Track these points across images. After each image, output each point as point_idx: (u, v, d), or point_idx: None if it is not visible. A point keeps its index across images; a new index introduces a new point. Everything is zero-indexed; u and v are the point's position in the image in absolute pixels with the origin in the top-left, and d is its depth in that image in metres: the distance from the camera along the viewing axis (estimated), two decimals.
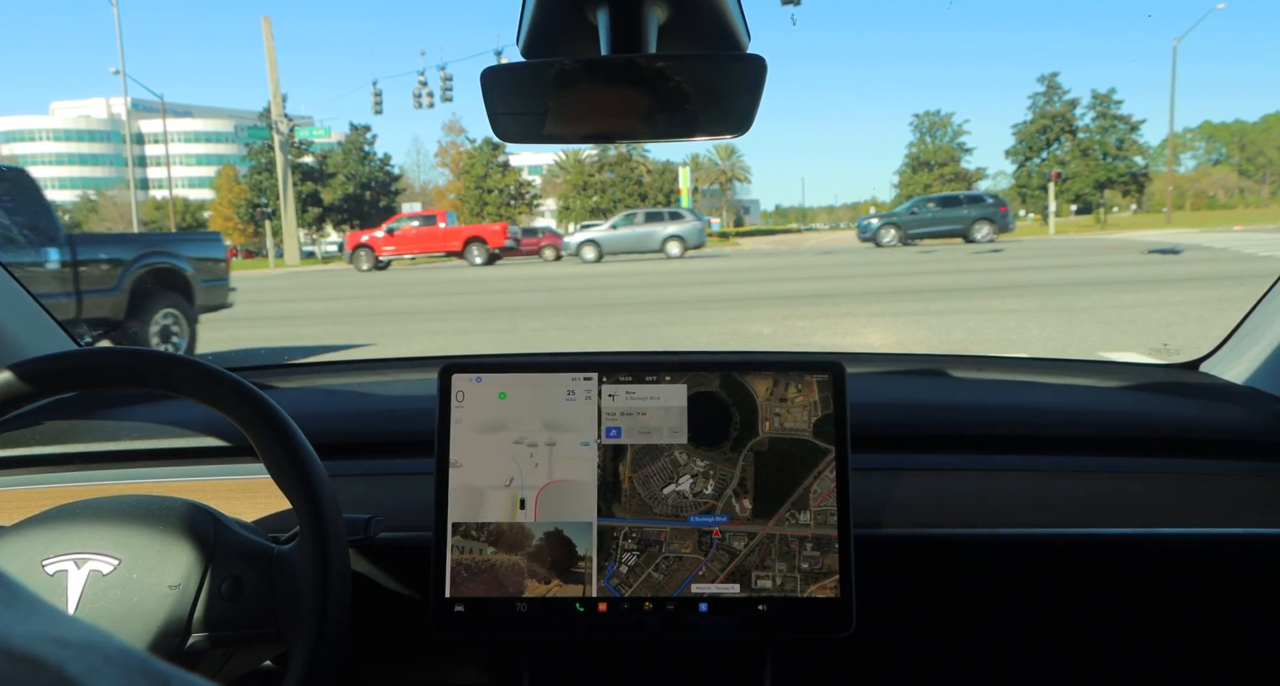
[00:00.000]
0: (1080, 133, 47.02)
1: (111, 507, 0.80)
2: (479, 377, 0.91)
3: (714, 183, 68.13)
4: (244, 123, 54.68)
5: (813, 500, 0.87)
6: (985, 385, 1.25)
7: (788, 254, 23.40)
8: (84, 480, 1.06)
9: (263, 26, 36.82)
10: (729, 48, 0.79)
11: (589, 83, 0.73)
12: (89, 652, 0.23)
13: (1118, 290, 9.61)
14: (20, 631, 0.22)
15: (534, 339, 8.03)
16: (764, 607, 0.86)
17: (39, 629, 0.23)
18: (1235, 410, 1.13)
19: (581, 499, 0.88)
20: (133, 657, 0.24)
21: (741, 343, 7.28)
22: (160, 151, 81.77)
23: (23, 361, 0.74)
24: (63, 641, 0.23)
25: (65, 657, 0.22)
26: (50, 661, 0.21)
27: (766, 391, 0.89)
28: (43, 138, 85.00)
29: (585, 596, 0.87)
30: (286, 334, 9.15)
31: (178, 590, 0.75)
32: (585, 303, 11.32)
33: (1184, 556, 0.96)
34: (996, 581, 0.98)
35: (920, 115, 54.52)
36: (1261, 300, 1.21)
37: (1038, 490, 0.99)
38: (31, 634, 0.23)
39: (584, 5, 0.72)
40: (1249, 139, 71.24)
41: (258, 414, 0.75)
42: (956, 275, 13.11)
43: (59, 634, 0.23)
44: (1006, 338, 6.86)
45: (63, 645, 0.23)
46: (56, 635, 0.23)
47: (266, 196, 44.78)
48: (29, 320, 1.29)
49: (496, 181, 49.36)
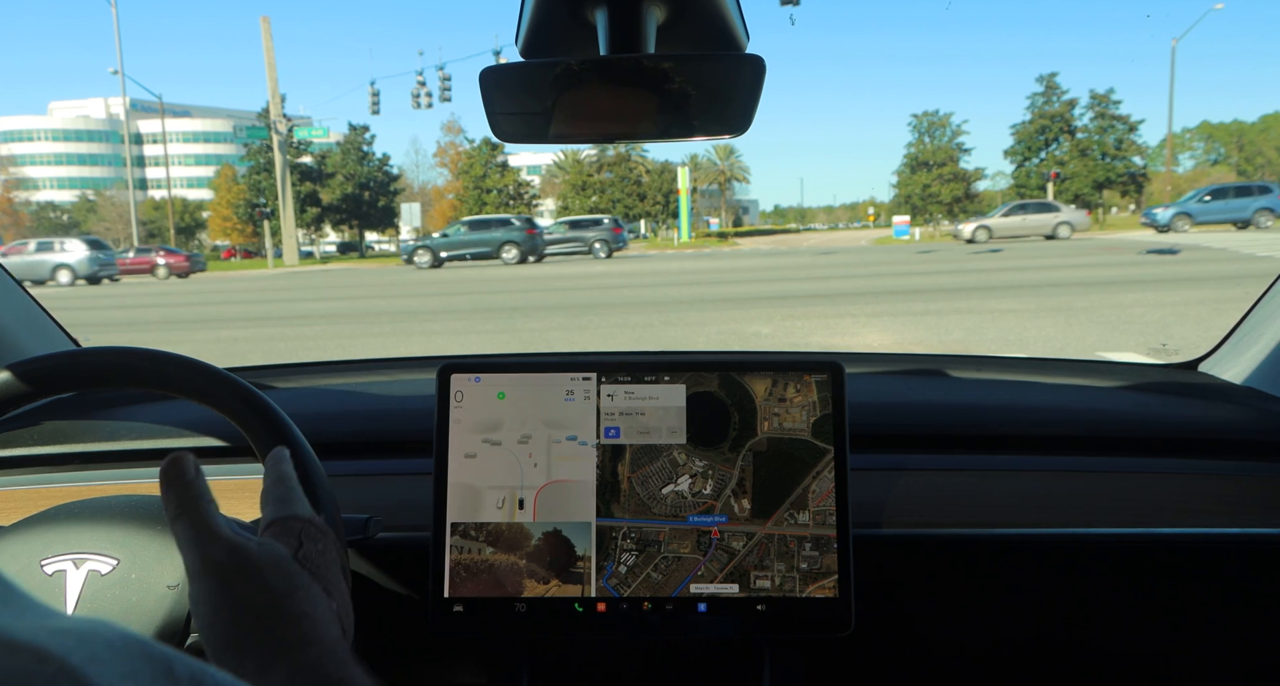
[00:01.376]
0: (1079, 133, 47.05)
1: (110, 507, 0.80)
2: (478, 377, 0.91)
3: (713, 183, 68.14)
4: (243, 123, 54.71)
5: (811, 500, 0.87)
6: (984, 385, 1.25)
7: (786, 254, 23.39)
8: (82, 480, 1.06)
9: (261, 27, 36.80)
10: (728, 48, 0.79)
11: (588, 83, 0.73)
12: (91, 640, 0.23)
13: (1116, 290, 9.62)
14: (20, 625, 0.22)
15: (533, 339, 8.03)
16: (763, 607, 0.86)
17: (39, 622, 0.23)
18: (1234, 410, 1.13)
19: (580, 499, 0.88)
20: (134, 643, 0.25)
21: (740, 343, 7.28)
22: (159, 151, 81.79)
23: (22, 361, 0.74)
24: (64, 631, 0.23)
25: (68, 647, 0.22)
26: (53, 651, 0.21)
27: (765, 391, 0.89)
28: (41, 138, 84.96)
29: (584, 596, 0.87)
30: (286, 333, 9.14)
31: (176, 590, 0.75)
32: (584, 303, 11.32)
33: (1183, 556, 0.96)
34: (995, 581, 0.98)
35: (919, 115, 54.51)
36: (1260, 300, 1.21)
37: (1036, 490, 0.99)
38: (33, 627, 0.23)
39: (583, 6, 0.72)
40: (1247, 139, 71.28)
41: (256, 414, 0.75)
42: (955, 275, 13.12)
43: (59, 625, 0.23)
44: (1005, 337, 6.87)
45: (64, 635, 0.23)
46: (57, 626, 0.23)
47: (265, 196, 44.77)
48: (28, 320, 1.29)
49: (495, 181, 49.35)
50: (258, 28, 50.18)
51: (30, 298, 1.30)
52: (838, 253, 22.91)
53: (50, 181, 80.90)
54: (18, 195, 64.41)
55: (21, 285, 1.29)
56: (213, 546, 0.56)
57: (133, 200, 44.49)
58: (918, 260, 17.23)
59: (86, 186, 74.96)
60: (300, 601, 0.56)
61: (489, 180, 49.15)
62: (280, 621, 0.54)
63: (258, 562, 0.57)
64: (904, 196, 53.63)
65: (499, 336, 8.33)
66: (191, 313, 12.83)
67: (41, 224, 62.05)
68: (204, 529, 0.57)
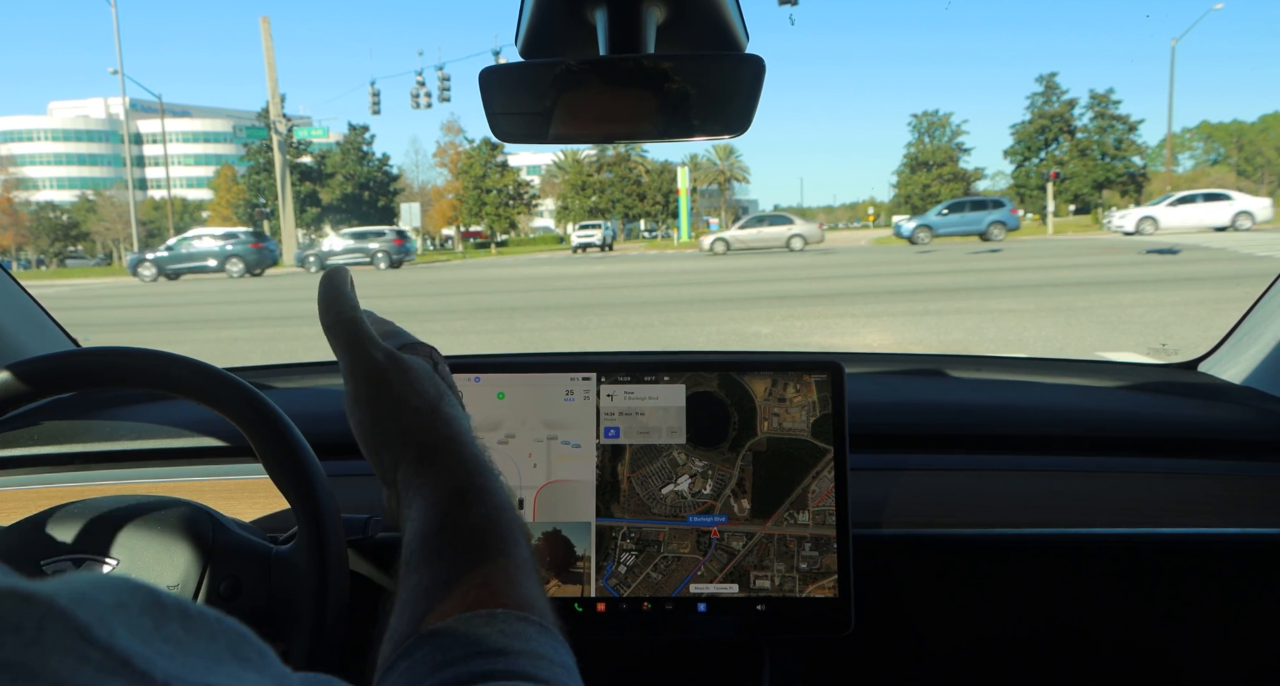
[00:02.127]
0: (1078, 133, 47.06)
1: (110, 508, 0.79)
2: (477, 377, 0.91)
3: (712, 183, 68.13)
4: (242, 123, 54.72)
5: (811, 500, 0.87)
6: (983, 385, 1.25)
7: (786, 254, 23.40)
8: (82, 480, 1.06)
9: (261, 27, 36.78)
10: (727, 48, 0.79)
11: (588, 83, 0.73)
12: (74, 581, 0.23)
13: (1116, 290, 9.62)
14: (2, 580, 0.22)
15: (532, 339, 8.02)
16: (762, 607, 0.86)
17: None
18: (1233, 410, 1.13)
19: (580, 499, 0.88)
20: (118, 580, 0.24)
21: (740, 342, 7.28)
22: (158, 151, 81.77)
23: (21, 361, 0.74)
24: (46, 580, 0.23)
25: (52, 588, 0.22)
26: (38, 592, 0.21)
27: (765, 391, 0.89)
28: (41, 138, 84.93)
29: (584, 596, 0.87)
30: (286, 333, 9.14)
31: (176, 590, 0.75)
32: (584, 302, 11.32)
33: (1182, 556, 0.96)
34: (995, 581, 0.98)
35: (919, 115, 54.57)
36: (1259, 300, 1.21)
37: (1036, 490, 0.99)
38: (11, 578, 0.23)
39: (582, 6, 0.72)
40: (1247, 139, 71.27)
41: (256, 413, 0.75)
42: (955, 275, 13.11)
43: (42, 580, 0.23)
44: (1005, 337, 6.87)
45: (46, 580, 0.22)
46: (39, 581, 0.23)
47: (265, 196, 44.80)
48: (28, 320, 1.29)
49: (495, 181, 49.35)
50: (258, 28, 50.16)
51: (30, 298, 1.30)
52: (838, 252, 22.92)
53: (50, 181, 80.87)
54: (17, 195, 64.39)
55: (21, 285, 1.29)
56: (373, 349, 0.60)
57: (132, 200, 44.44)
58: (917, 260, 17.23)
59: (86, 186, 74.91)
60: (451, 405, 0.61)
61: (489, 180, 49.14)
62: (433, 423, 0.58)
63: (414, 368, 0.61)
64: (904, 196, 53.65)
65: (499, 336, 8.32)
66: (191, 313, 12.82)
67: (41, 224, 62.05)
68: (362, 333, 0.61)
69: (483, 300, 12.35)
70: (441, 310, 11.03)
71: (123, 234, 56.03)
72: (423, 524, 0.54)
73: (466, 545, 0.52)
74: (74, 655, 0.20)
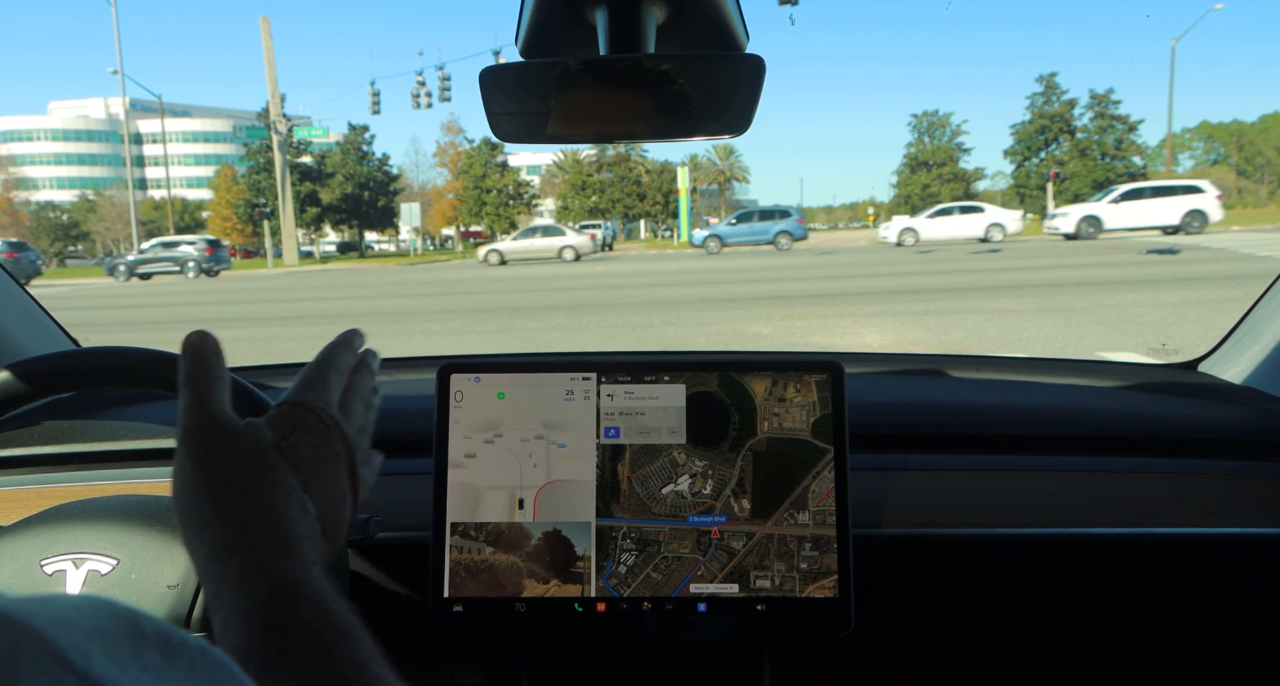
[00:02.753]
0: (1078, 133, 47.09)
1: (110, 507, 0.80)
2: (477, 378, 0.91)
3: (712, 183, 68.14)
4: (242, 123, 54.73)
5: (811, 500, 0.87)
6: (983, 385, 1.25)
7: (786, 253, 23.39)
8: (82, 480, 1.06)
9: (261, 27, 36.80)
10: (728, 48, 0.79)
11: (588, 83, 0.73)
12: (55, 603, 0.23)
13: (1116, 290, 9.62)
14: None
15: (532, 339, 8.02)
16: (762, 607, 0.86)
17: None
18: (1233, 410, 1.13)
19: (580, 499, 0.88)
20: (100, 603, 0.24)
21: (740, 342, 7.28)
22: (158, 151, 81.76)
23: (21, 361, 0.74)
24: (26, 599, 0.22)
25: (31, 610, 0.22)
26: (16, 615, 0.21)
27: (765, 391, 0.89)
28: (41, 138, 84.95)
29: (584, 596, 0.87)
30: (286, 333, 9.14)
31: (176, 590, 0.75)
32: (584, 302, 11.32)
33: (1182, 556, 0.96)
34: (995, 581, 0.98)
35: (919, 115, 54.64)
36: (1259, 300, 1.21)
37: (1036, 490, 0.99)
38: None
39: (583, 5, 0.72)
40: (1247, 139, 71.28)
41: (256, 414, 0.75)
42: (955, 275, 13.11)
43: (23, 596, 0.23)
44: (1005, 337, 6.87)
45: (27, 601, 0.22)
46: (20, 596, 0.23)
47: (265, 196, 44.76)
48: (28, 320, 1.29)
49: (495, 181, 49.34)
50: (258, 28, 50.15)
51: (30, 297, 1.30)
52: (837, 252, 22.92)
53: (50, 181, 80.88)
54: (17, 195, 64.42)
55: (21, 285, 1.29)
56: (195, 416, 0.54)
57: (132, 200, 44.42)
58: (917, 260, 17.23)
59: (86, 186, 74.95)
60: (267, 492, 0.51)
61: (489, 180, 49.13)
62: (237, 509, 0.50)
63: (233, 442, 0.53)
64: (904, 196, 53.69)
65: (499, 336, 8.32)
66: (191, 313, 12.83)
67: (41, 224, 62.07)
68: (195, 399, 0.54)
69: (483, 300, 12.36)
70: (441, 310, 11.04)
71: (123, 234, 56.03)
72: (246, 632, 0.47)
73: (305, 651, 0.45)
74: (48, 678, 0.20)
